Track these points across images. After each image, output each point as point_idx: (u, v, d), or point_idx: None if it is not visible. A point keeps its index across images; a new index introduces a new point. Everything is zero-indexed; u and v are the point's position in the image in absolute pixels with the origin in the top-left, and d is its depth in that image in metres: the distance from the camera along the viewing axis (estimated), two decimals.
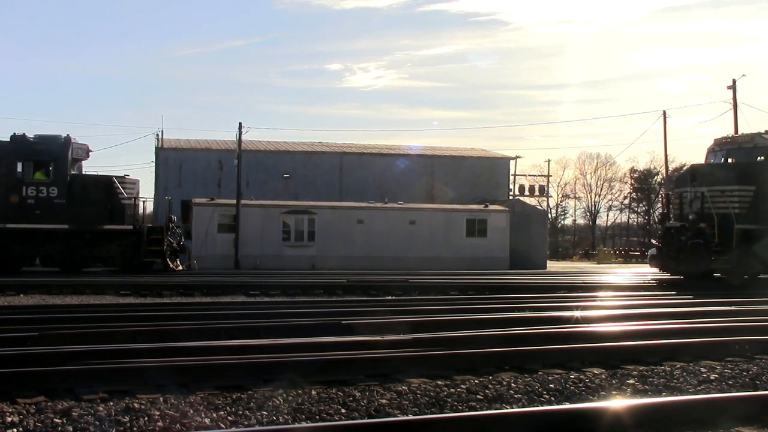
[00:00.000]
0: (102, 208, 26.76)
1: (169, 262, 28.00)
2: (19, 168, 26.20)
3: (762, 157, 24.35)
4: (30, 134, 26.64)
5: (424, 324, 11.41)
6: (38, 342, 9.12)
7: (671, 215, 25.78)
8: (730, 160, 25.27)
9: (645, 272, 30.09)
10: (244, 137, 42.10)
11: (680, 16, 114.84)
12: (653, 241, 25.28)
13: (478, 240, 42.04)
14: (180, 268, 28.43)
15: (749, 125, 64.96)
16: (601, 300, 16.99)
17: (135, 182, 28.77)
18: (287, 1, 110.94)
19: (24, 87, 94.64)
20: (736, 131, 42.62)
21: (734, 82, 43.77)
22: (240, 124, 41.21)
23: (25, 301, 16.57)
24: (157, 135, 49.32)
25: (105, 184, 27.42)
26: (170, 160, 48.49)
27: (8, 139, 26.68)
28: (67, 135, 27.38)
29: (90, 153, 29.03)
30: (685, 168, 30.05)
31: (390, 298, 18.23)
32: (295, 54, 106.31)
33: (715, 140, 25.89)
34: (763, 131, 24.89)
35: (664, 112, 48.31)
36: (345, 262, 37.04)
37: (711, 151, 25.96)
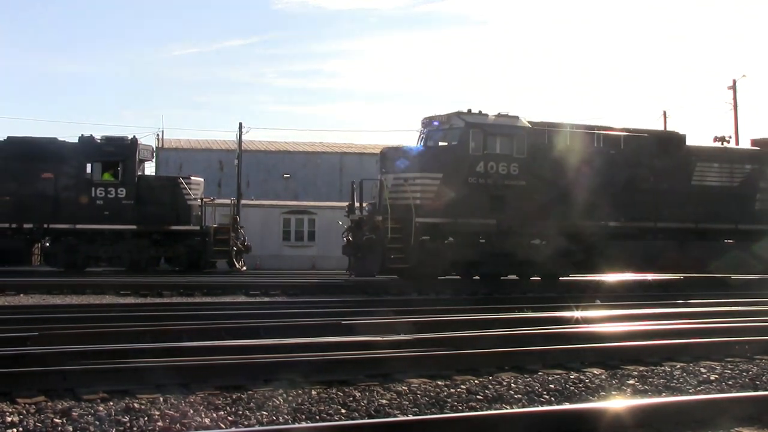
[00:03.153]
0: (169, 208, 26.91)
1: (235, 262, 28.13)
2: (89, 169, 26.35)
3: (455, 141, 21.22)
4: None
5: (424, 324, 11.41)
6: (38, 342, 9.12)
7: (364, 206, 22.82)
8: (431, 144, 21.98)
9: None
10: (244, 137, 42.11)
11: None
12: (343, 238, 22.55)
13: None
14: (244, 268, 28.56)
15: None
16: None
17: (200, 183, 28.92)
18: (285, 1, 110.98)
19: (23, 87, 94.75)
20: (736, 132, 42.65)
21: (734, 82, 43.78)
22: (240, 124, 41.25)
23: (25, 301, 16.57)
24: (157, 135, 49.35)
25: (171, 185, 27.63)
26: (170, 160, 48.47)
27: (77, 141, 26.95)
28: (134, 136, 27.75)
29: (154, 154, 29.27)
30: None
31: (389, 298, 18.22)
32: (293, 54, 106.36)
33: (422, 120, 22.49)
34: (465, 110, 21.58)
35: (665, 113, 48.28)
36: (345, 261, 36.92)
37: (419, 133, 22.60)
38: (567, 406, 6.92)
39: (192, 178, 28.76)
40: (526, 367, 8.66)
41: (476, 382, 7.89)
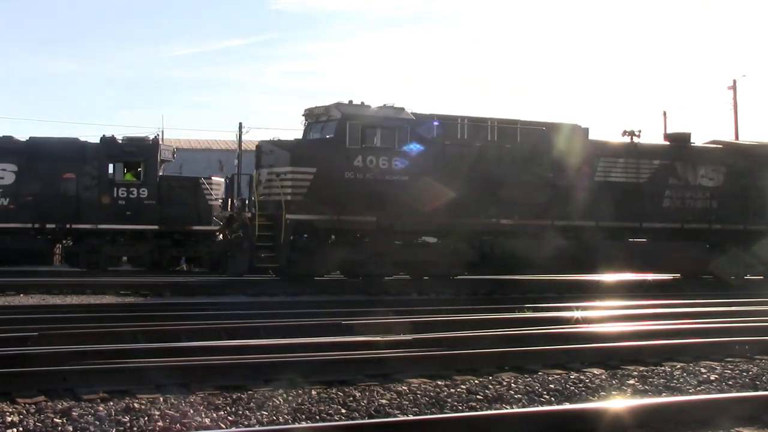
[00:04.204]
0: (190, 208, 26.86)
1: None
2: (110, 169, 26.44)
3: (332, 134, 19.99)
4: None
5: (423, 324, 11.42)
6: (38, 342, 9.12)
7: (236, 201, 21.76)
8: (314, 136, 20.80)
9: None
10: (244, 137, 42.15)
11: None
12: (217, 235, 20.96)
13: None
14: None
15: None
16: None
17: (220, 183, 28.96)
18: (283, 1, 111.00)
19: (23, 87, 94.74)
20: (737, 132, 42.68)
21: (734, 82, 43.80)
22: (240, 124, 41.39)
23: (25, 301, 16.56)
24: (157, 135, 49.28)
25: (193, 185, 27.66)
26: None
27: (98, 141, 26.97)
28: (156, 136, 27.83)
29: (175, 154, 29.35)
30: None
31: (390, 298, 18.20)
32: (293, 54, 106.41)
33: (303, 112, 21.28)
34: (346, 100, 20.43)
35: (665, 113, 48.34)
36: None
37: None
38: (567, 406, 6.92)
39: (213, 178, 28.78)
40: (526, 367, 8.66)
41: (476, 382, 7.90)
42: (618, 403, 6.75)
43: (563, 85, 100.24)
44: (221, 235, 20.82)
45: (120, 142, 27.12)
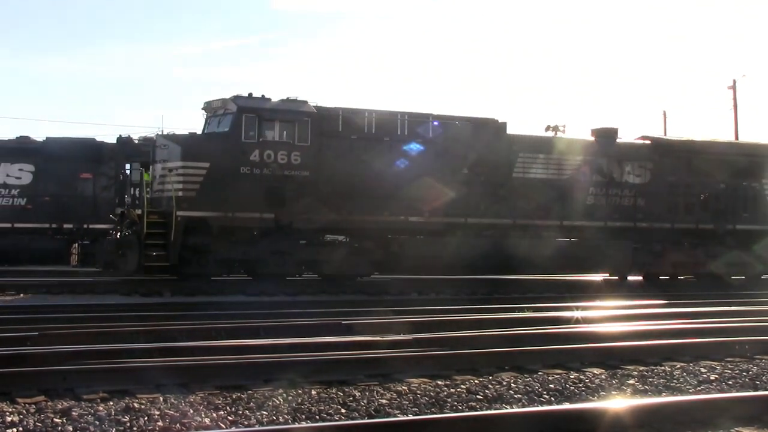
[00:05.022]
0: None
1: None
2: (127, 169, 26.56)
3: (226, 128, 19.11)
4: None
5: (423, 324, 11.42)
6: (38, 342, 9.12)
7: (137, 197, 20.84)
8: (211, 131, 19.91)
9: None
10: None
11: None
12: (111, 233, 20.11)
13: None
14: None
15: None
16: None
17: None
18: (284, 1, 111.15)
19: (22, 87, 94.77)
20: (737, 132, 42.68)
21: (734, 82, 43.80)
22: None
23: (25, 301, 16.56)
24: (157, 135, 49.36)
25: None
26: None
27: (115, 142, 27.25)
28: None
29: None
30: None
31: (390, 298, 18.21)
32: (293, 53, 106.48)
33: (202, 105, 20.40)
34: (246, 93, 19.61)
35: (665, 113, 48.35)
36: None
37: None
38: (567, 406, 6.92)
39: None
40: (526, 367, 8.67)
41: (476, 382, 7.90)
42: (618, 403, 6.75)
43: (563, 85, 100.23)
44: (115, 233, 19.86)
45: (137, 142, 27.29)
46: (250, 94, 19.52)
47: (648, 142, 23.52)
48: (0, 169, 25.74)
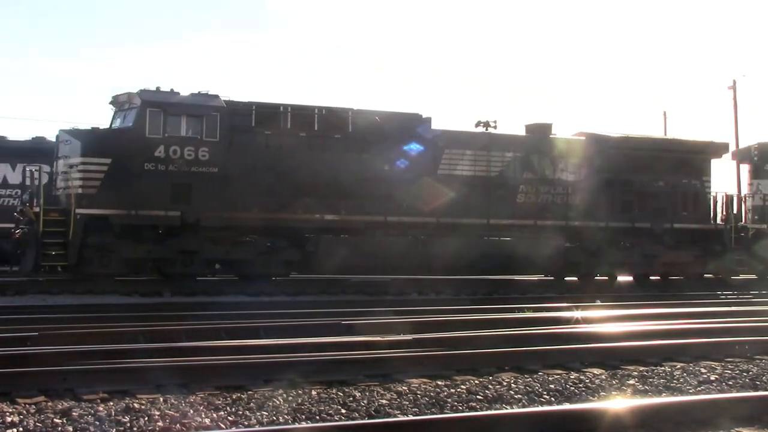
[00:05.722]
0: None
1: None
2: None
3: (130, 123, 18.41)
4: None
5: (423, 324, 11.42)
6: (38, 342, 9.12)
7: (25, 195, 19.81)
8: (117, 125, 19.24)
9: None
10: None
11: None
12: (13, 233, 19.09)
13: None
14: None
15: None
16: None
17: None
18: (282, 1, 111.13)
19: (22, 86, 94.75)
20: (736, 132, 42.67)
21: (734, 82, 43.79)
22: None
23: (25, 301, 16.56)
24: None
25: None
26: None
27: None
28: None
29: None
30: None
31: (390, 298, 18.21)
32: (291, 53, 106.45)
33: (110, 99, 19.69)
34: (153, 87, 18.93)
35: (665, 113, 48.31)
36: None
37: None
38: (567, 406, 6.92)
39: None
40: (526, 367, 8.66)
41: (476, 382, 7.90)
42: (618, 403, 6.75)
43: (563, 85, 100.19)
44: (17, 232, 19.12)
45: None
46: (157, 88, 18.92)
47: (583, 138, 22.76)
48: None
